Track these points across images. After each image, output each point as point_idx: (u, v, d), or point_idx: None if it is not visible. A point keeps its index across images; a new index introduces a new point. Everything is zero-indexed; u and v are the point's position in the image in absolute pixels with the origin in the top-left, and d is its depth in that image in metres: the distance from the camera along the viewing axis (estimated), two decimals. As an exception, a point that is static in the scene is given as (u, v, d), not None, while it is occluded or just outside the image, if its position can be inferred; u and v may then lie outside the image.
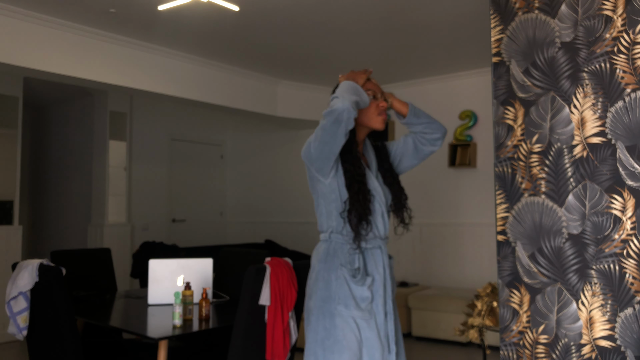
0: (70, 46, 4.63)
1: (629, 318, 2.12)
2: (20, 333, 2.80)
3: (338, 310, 1.97)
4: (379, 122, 2.15)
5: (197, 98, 5.58)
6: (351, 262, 2.01)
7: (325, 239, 2.07)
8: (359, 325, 1.97)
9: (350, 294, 1.97)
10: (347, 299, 1.97)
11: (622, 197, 2.16)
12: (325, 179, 2.02)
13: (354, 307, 1.97)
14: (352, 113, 1.88)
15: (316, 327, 1.99)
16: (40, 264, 2.78)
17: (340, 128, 1.88)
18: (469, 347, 5.15)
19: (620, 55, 2.18)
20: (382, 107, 2.13)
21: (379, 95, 2.14)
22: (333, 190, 2.03)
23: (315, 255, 2.08)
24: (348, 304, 1.97)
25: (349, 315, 1.96)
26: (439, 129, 2.21)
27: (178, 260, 3.34)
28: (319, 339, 1.97)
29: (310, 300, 2.04)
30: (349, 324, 1.96)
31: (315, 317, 2.00)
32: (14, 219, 5.48)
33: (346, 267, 2.00)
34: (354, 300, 1.97)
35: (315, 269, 2.05)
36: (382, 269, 2.05)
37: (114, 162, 6.43)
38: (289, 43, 5.12)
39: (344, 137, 1.91)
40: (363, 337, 1.97)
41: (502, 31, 2.51)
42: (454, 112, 6.18)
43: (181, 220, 7.35)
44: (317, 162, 1.98)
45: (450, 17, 4.44)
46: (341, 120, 1.87)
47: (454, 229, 6.15)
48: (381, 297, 2.02)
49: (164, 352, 2.57)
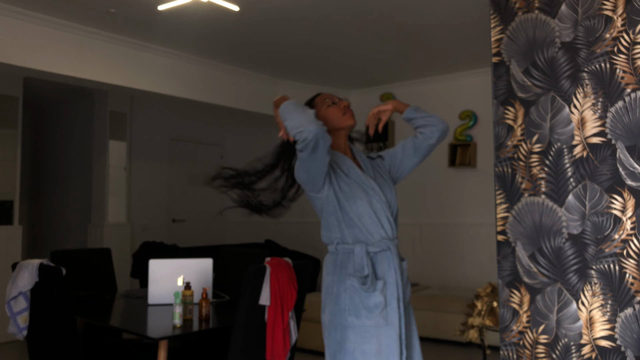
0: (70, 46, 4.63)
1: (629, 318, 2.12)
2: (20, 333, 2.80)
3: (349, 322, 1.92)
4: (347, 119, 2.13)
5: (197, 98, 5.58)
6: (360, 270, 1.94)
7: (332, 250, 2.04)
8: (374, 334, 1.91)
9: (361, 304, 1.92)
10: (358, 309, 1.92)
11: (622, 197, 2.16)
12: (321, 194, 2.00)
13: (366, 316, 1.91)
14: (323, 129, 1.84)
15: (329, 341, 1.97)
16: (40, 264, 2.78)
17: (320, 151, 1.85)
18: (469, 347, 5.15)
19: (620, 55, 2.18)
20: (344, 106, 2.14)
21: (336, 99, 2.16)
22: (330, 202, 1.99)
23: (325, 268, 2.06)
24: (359, 314, 1.92)
25: (361, 325, 1.91)
26: (439, 122, 2.17)
27: (178, 260, 3.34)
28: (331, 352, 1.96)
29: (324, 314, 2.01)
30: (362, 335, 1.91)
31: (327, 331, 1.98)
32: (14, 219, 5.47)
33: (355, 276, 1.95)
34: (365, 310, 1.92)
35: (326, 282, 2.03)
36: (393, 272, 1.98)
37: (114, 162, 6.43)
38: (289, 43, 5.12)
39: (327, 155, 1.88)
40: (380, 346, 1.91)
41: (502, 31, 2.51)
42: (454, 112, 6.18)
43: (181, 220, 7.35)
44: (309, 184, 1.97)
45: (450, 17, 4.44)
46: (318, 146, 1.84)
47: (454, 229, 6.15)
48: (395, 301, 1.95)
49: (164, 352, 2.57)
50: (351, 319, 1.92)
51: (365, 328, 1.91)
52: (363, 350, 1.89)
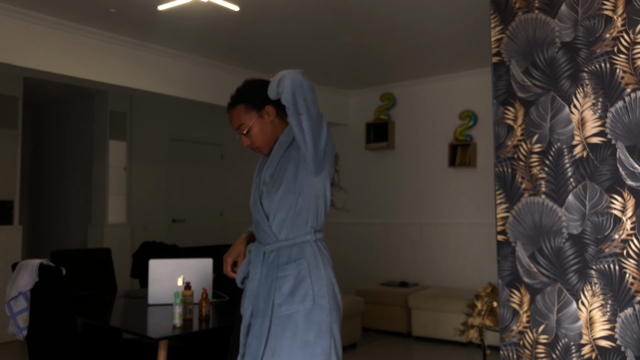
0: (70, 46, 4.63)
1: (629, 318, 2.12)
2: (20, 333, 2.80)
3: None
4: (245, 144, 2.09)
5: (197, 98, 5.58)
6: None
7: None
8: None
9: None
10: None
11: (622, 197, 2.16)
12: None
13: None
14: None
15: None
16: (40, 264, 2.78)
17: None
18: (469, 347, 5.15)
19: (620, 55, 2.18)
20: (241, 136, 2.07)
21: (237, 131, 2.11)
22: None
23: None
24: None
25: None
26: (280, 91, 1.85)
27: (178, 260, 3.34)
28: None
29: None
30: None
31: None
32: (14, 219, 5.48)
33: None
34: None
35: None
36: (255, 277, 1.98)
37: (114, 162, 6.43)
38: (289, 43, 5.12)
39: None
40: None
41: (502, 31, 2.51)
42: (454, 112, 6.18)
43: (181, 220, 7.35)
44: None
45: (450, 17, 4.44)
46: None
47: (454, 229, 6.15)
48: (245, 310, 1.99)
49: (164, 352, 2.57)
50: None
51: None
52: None
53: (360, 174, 6.85)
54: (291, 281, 1.87)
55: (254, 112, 2.00)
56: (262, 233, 1.97)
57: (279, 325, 1.85)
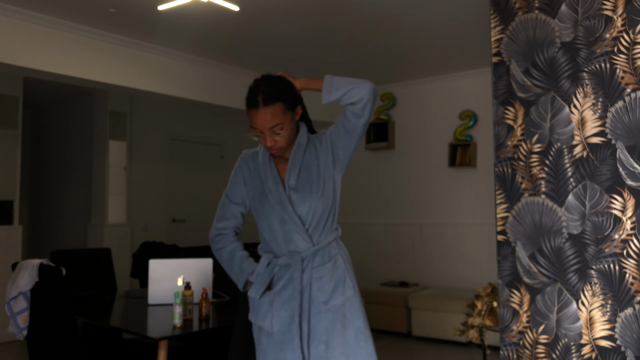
0: (70, 46, 4.63)
1: (629, 318, 2.12)
2: (20, 333, 2.80)
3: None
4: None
5: (197, 98, 5.58)
6: (256, 278, 2.07)
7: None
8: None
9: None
10: None
11: (622, 197, 2.16)
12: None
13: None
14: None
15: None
16: (40, 264, 2.78)
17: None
18: (469, 347, 5.15)
19: (620, 55, 2.18)
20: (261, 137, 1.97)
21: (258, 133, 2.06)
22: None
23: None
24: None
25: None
26: (361, 92, 1.87)
27: (178, 260, 3.33)
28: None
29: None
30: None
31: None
32: (14, 219, 5.48)
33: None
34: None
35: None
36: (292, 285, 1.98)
37: (114, 162, 6.43)
38: (289, 43, 5.12)
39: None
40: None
41: (502, 31, 2.51)
42: (454, 112, 6.18)
43: (181, 220, 7.35)
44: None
45: (450, 17, 4.44)
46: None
47: (454, 229, 6.15)
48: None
49: (164, 352, 2.57)
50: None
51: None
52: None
53: (360, 174, 6.86)
54: (333, 278, 1.91)
55: (290, 112, 1.94)
56: (295, 241, 1.90)
57: (329, 320, 1.87)
